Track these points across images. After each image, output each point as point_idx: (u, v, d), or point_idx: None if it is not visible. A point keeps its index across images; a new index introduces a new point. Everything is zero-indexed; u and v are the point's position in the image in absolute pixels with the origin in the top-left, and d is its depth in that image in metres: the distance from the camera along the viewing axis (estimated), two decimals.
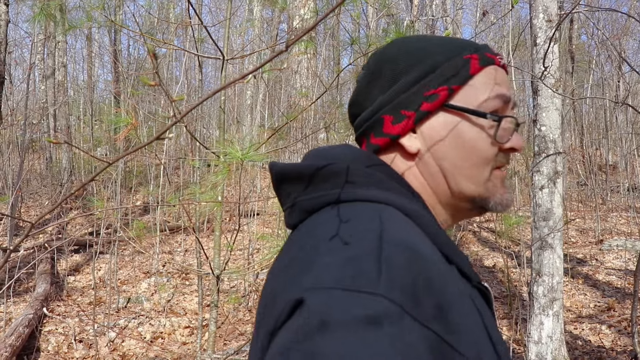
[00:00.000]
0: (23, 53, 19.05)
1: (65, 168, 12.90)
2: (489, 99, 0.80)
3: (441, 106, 0.81)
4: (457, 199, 0.83)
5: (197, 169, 9.96)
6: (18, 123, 11.12)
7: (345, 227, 0.66)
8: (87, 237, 8.98)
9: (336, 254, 0.61)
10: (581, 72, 17.67)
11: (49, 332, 5.70)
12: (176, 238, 9.56)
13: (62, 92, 13.91)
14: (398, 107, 0.82)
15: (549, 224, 4.30)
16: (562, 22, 4.52)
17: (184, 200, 3.18)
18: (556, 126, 4.37)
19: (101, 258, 8.15)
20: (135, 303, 6.75)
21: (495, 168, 0.82)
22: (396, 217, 0.69)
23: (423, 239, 0.68)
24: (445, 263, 0.68)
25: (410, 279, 0.58)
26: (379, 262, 0.58)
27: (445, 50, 0.83)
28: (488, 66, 0.82)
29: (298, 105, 6.30)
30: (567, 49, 15.88)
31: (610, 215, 10.49)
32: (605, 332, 5.38)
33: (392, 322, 0.53)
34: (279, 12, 12.95)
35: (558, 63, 4.46)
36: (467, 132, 0.80)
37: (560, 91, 4.47)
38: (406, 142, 0.82)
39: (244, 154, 1.49)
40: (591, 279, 7.02)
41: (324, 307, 0.55)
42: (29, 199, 12.26)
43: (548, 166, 4.35)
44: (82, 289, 7.26)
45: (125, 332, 5.81)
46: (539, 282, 4.31)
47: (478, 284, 0.76)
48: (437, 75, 0.81)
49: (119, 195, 9.48)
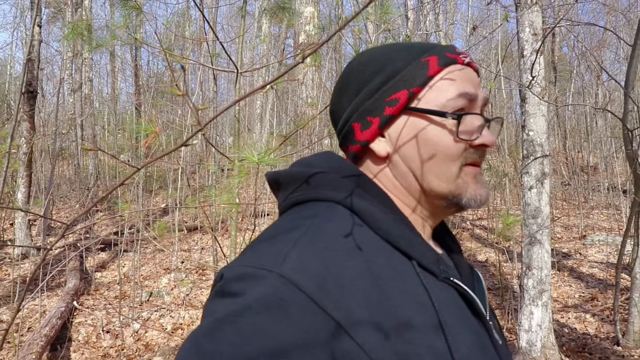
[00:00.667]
0: (53, 69, 19.13)
1: (91, 173, 12.95)
2: (452, 99, 0.76)
3: (403, 109, 0.78)
4: (431, 197, 0.79)
5: (212, 173, 9.96)
6: (51, 133, 11.15)
7: (284, 224, 0.71)
8: (112, 236, 8.99)
9: (263, 244, 0.67)
10: (563, 81, 17.65)
11: (79, 324, 5.69)
12: (193, 237, 9.55)
13: (89, 104, 13.97)
14: (364, 114, 0.80)
15: (537, 222, 4.27)
16: (544, 35, 4.50)
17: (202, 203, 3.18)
18: (543, 131, 4.34)
19: (125, 255, 8.15)
20: (157, 297, 6.74)
21: (465, 165, 0.78)
22: (331, 216, 0.70)
23: (354, 233, 0.68)
24: (380, 257, 0.67)
25: (314, 268, 0.61)
26: (286, 252, 0.63)
27: (405, 55, 0.79)
28: (449, 66, 0.78)
29: (305, 114, 6.29)
30: (550, 60, 15.84)
31: (592, 212, 10.45)
32: (590, 321, 5.34)
33: (278, 293, 0.59)
34: (286, 29, 12.96)
35: (544, 73, 4.44)
36: (430, 132, 0.76)
37: (546, 99, 4.44)
38: (375, 147, 0.80)
39: (260, 159, 1.48)
40: (576, 271, 6.97)
41: (228, 279, 0.62)
42: (59, 202, 12.30)
43: (536, 168, 4.32)
44: (108, 284, 7.26)
45: (148, 323, 5.79)
46: (528, 275, 4.28)
47: (446, 280, 0.71)
48: (397, 80, 0.78)
49: (141, 198, 9.49)
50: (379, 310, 0.61)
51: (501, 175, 9.54)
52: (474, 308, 0.74)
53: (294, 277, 0.60)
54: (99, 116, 17.44)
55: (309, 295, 0.59)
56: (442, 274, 0.71)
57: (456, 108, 0.76)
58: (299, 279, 0.59)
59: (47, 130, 12.66)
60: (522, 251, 4.39)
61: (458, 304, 0.71)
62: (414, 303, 0.64)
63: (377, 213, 0.72)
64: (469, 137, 0.76)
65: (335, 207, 0.72)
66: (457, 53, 0.80)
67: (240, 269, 0.63)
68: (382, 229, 0.70)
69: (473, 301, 0.73)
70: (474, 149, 0.78)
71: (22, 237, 8.49)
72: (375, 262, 0.65)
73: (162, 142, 11.11)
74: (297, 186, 0.78)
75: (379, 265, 0.65)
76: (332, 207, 0.72)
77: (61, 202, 12.38)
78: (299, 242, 0.64)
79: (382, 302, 0.62)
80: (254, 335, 0.56)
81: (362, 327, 0.59)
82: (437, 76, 0.77)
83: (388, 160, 0.80)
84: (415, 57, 0.79)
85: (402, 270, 0.67)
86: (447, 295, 0.70)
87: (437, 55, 0.78)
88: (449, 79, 0.77)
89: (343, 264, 0.63)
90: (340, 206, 0.72)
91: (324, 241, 0.65)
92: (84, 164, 14.40)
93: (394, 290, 0.64)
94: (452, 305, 0.69)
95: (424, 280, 0.68)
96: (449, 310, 0.67)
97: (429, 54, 0.78)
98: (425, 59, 0.78)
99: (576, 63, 14.26)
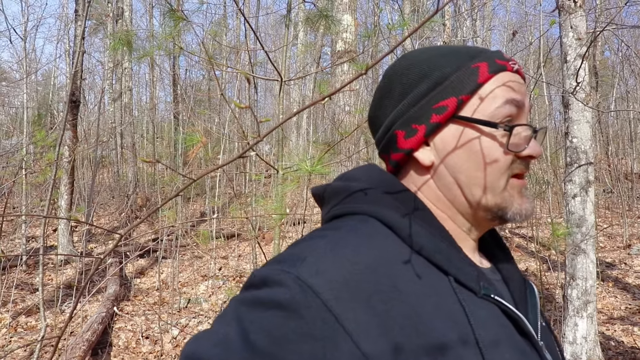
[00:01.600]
0: (94, 79, 19.66)
1: (130, 181, 13.22)
2: (500, 107, 0.73)
3: (451, 117, 0.75)
4: (475, 209, 0.76)
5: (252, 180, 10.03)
6: (96, 141, 11.45)
7: (313, 233, 0.72)
8: (151, 243, 9.15)
9: (294, 248, 0.68)
10: (605, 86, 17.23)
11: (119, 329, 5.80)
12: (230, 244, 9.64)
13: (128, 113, 14.29)
14: (409, 121, 0.77)
15: (582, 231, 4.17)
16: (589, 40, 4.40)
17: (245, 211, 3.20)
18: (587, 138, 4.24)
19: (163, 262, 8.28)
20: (195, 303, 6.82)
21: (512, 176, 0.75)
22: (360, 228, 0.70)
23: (380, 247, 0.68)
24: (408, 272, 0.65)
25: (329, 275, 0.62)
26: (305, 257, 0.64)
27: (453, 61, 0.76)
28: (499, 73, 0.75)
29: (343, 122, 6.30)
30: (592, 65, 15.50)
31: (637, 221, 10.14)
32: (638, 334, 5.17)
33: (289, 291, 0.60)
34: (322, 37, 13.02)
35: (588, 78, 4.34)
36: (479, 143, 0.74)
37: (590, 104, 4.34)
38: (420, 156, 0.78)
39: (313, 167, 1.49)
40: (621, 282, 6.77)
41: (255, 276, 0.65)
42: (99, 209, 12.58)
43: (580, 176, 4.22)
44: (146, 290, 7.38)
45: (187, 330, 5.86)
46: (572, 285, 4.18)
47: (486, 296, 0.69)
48: (446, 86, 0.75)
49: (179, 205, 9.63)
50: (400, 326, 0.60)
51: (542, 183, 9.35)
52: (520, 326, 0.71)
53: (309, 280, 0.60)
54: (138, 125, 17.81)
55: (323, 300, 0.59)
56: (482, 290, 0.69)
57: (504, 116, 0.73)
58: (314, 283, 0.60)
59: (89, 139, 12.99)
60: (566, 261, 4.29)
61: (500, 322, 0.68)
62: (447, 320, 0.63)
63: (413, 227, 0.70)
64: (518, 149, 0.74)
65: (367, 220, 0.71)
66: (507, 59, 0.77)
67: (263, 271, 0.65)
68: (416, 243, 0.69)
69: (518, 319, 0.71)
70: (521, 160, 0.75)
71: (65, 243, 8.72)
72: (401, 277, 0.64)
73: (201, 151, 11.25)
74: (339, 201, 0.77)
75: (405, 280, 0.64)
76: (364, 220, 0.71)
77: (101, 209, 12.67)
78: (319, 249, 0.65)
79: (406, 318, 0.61)
80: (261, 327, 0.59)
81: (372, 339, 0.59)
82: (487, 83, 0.74)
83: (432, 170, 0.78)
84: (464, 63, 0.76)
85: (435, 286, 0.66)
86: (487, 313, 0.67)
87: (487, 62, 0.75)
88: (500, 86, 0.74)
89: (362, 277, 0.62)
90: (373, 219, 0.71)
91: (345, 252, 0.64)
92: (123, 172, 14.72)
93: (424, 306, 0.63)
94: (492, 323, 0.67)
95: (460, 297, 0.66)
96: (487, 328, 0.65)
97: (479, 60, 0.75)
98: (475, 64, 0.75)
99: (619, 67, 13.91)
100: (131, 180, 13.13)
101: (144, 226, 10.48)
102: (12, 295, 5.97)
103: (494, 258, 0.85)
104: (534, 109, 13.17)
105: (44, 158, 7.63)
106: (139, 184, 13.66)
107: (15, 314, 5.95)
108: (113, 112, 14.79)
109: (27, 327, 5.69)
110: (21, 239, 7.80)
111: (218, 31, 14.13)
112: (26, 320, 5.88)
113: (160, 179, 12.85)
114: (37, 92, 20.92)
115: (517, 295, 0.79)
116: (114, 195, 13.75)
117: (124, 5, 14.13)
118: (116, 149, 14.90)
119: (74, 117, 8.78)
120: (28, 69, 12.60)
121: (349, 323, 0.58)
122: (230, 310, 0.64)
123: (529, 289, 0.83)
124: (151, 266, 8.51)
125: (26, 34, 12.32)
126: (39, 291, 4.74)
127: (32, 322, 5.83)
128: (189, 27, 2.05)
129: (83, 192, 11.34)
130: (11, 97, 22.36)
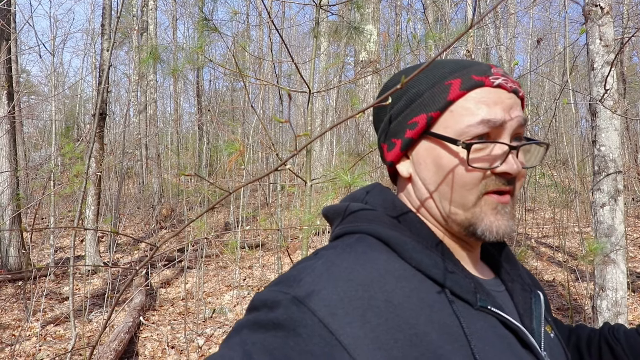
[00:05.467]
0: (120, 91, 20.00)
1: (155, 192, 13.37)
2: (471, 125, 0.73)
3: (423, 133, 0.78)
4: (448, 223, 0.78)
5: (274, 191, 10.07)
6: (122, 153, 11.63)
7: (312, 254, 0.74)
8: (176, 253, 9.23)
9: (293, 270, 0.70)
10: (633, 93, 16.95)
11: (145, 339, 5.86)
12: (255, 254, 9.68)
13: (153, 125, 14.49)
14: (390, 135, 0.82)
15: (611, 240, 4.10)
16: (617, 46, 4.35)
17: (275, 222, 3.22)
18: (616, 146, 4.18)
19: (188, 272, 8.35)
20: (220, 314, 6.86)
21: (487, 193, 0.75)
22: (356, 246, 0.72)
23: (375, 263, 0.69)
24: (403, 287, 0.67)
25: (325, 294, 0.64)
26: (301, 278, 0.67)
27: (430, 77, 0.78)
28: (474, 89, 0.75)
29: (367, 132, 6.31)
30: (619, 71, 15.27)
31: None
32: None
33: (286, 311, 0.63)
34: (344, 47, 13.08)
35: (616, 86, 4.28)
36: (443, 158, 0.76)
37: (619, 112, 4.29)
38: (400, 168, 0.83)
39: (353, 179, 1.51)
40: None
41: (256, 299, 0.69)
42: (125, 220, 12.74)
43: (609, 184, 4.16)
44: (172, 300, 7.44)
45: (212, 339, 5.90)
46: (602, 296, 4.11)
47: (483, 308, 0.70)
48: (418, 103, 0.78)
49: (204, 216, 9.70)
50: (394, 339, 0.62)
51: (569, 192, 9.22)
52: (521, 337, 0.72)
53: (305, 300, 0.63)
54: (162, 136, 18.05)
55: (319, 317, 0.61)
56: (478, 302, 0.70)
57: (477, 135, 0.74)
58: (310, 302, 0.63)
59: (115, 150, 13.20)
60: (595, 271, 4.22)
61: (498, 333, 0.69)
62: (442, 332, 0.64)
63: (408, 243, 0.72)
64: (487, 165, 0.74)
65: (365, 238, 0.74)
66: (486, 75, 0.76)
67: (263, 294, 0.68)
68: (413, 258, 0.70)
69: (518, 330, 0.72)
70: (497, 176, 0.75)
71: (92, 253, 8.85)
72: (396, 292, 0.65)
73: (225, 161, 11.36)
74: (340, 221, 0.81)
75: (401, 295, 0.65)
76: (362, 238, 0.74)
77: (127, 219, 12.83)
78: (315, 270, 0.67)
79: (400, 331, 0.62)
80: (263, 349, 0.61)
81: (369, 353, 0.60)
82: (458, 101, 0.75)
83: (411, 181, 0.82)
84: (439, 80, 0.77)
85: (431, 299, 0.67)
86: (484, 324, 0.68)
87: (461, 78, 0.76)
88: (472, 103, 0.74)
89: (356, 293, 0.64)
90: (370, 237, 0.74)
91: (340, 270, 0.66)
92: (148, 183, 14.91)
93: (419, 319, 0.64)
94: (489, 335, 0.68)
95: (455, 309, 0.67)
96: (484, 340, 0.66)
97: (454, 77, 0.76)
98: (448, 82, 0.76)
99: None
100: (156, 191, 13.29)
101: (168, 235, 10.59)
102: (42, 304, 6.07)
103: (501, 269, 0.87)
104: (560, 117, 12.99)
105: (72, 170, 7.78)
106: (164, 194, 13.82)
107: (44, 323, 6.06)
108: (138, 124, 15.02)
109: (56, 336, 5.78)
110: (50, 249, 7.95)
111: (245, 43, 14.30)
112: (55, 329, 5.98)
113: (185, 189, 12.99)
114: (65, 105, 21.36)
115: (521, 307, 0.81)
116: (139, 206, 13.93)
117: (149, 18, 14.38)
118: (141, 160, 15.11)
119: (101, 129, 8.94)
120: (56, 82, 12.86)
121: (345, 338, 0.60)
122: (234, 333, 0.67)
123: (534, 298, 0.83)
124: (176, 276, 8.59)
125: (54, 48, 12.60)
126: (67, 301, 4.82)
127: (61, 331, 5.92)
128: (217, 39, 2.09)
129: (109, 203, 11.52)
130: (40, 110, 22.86)
